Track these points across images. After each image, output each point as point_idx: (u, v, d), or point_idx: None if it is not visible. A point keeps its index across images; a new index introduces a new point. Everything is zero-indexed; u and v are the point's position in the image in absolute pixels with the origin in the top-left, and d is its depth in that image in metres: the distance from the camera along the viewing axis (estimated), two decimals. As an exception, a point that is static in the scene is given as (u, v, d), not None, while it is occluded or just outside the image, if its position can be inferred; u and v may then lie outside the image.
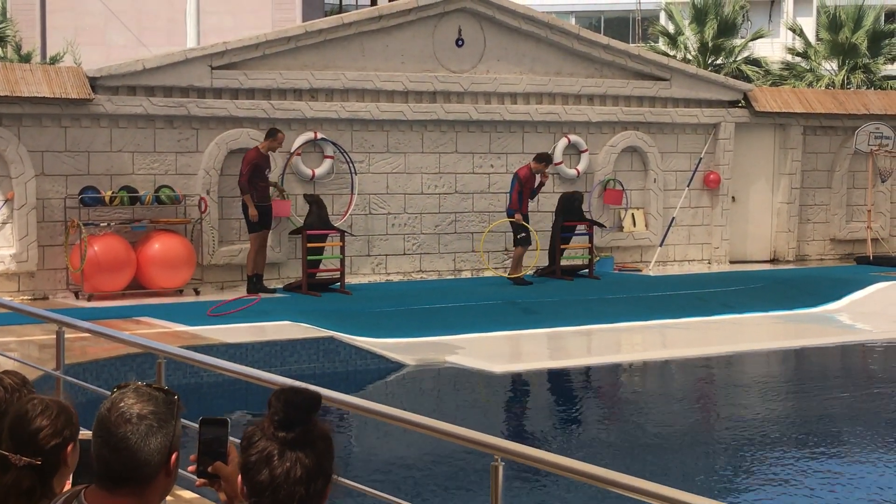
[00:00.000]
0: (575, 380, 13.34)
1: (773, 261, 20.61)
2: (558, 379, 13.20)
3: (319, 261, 16.34)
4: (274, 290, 15.82)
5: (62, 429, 3.29)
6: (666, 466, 9.49)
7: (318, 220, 16.07)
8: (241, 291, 15.79)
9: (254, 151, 15.46)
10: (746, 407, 11.91)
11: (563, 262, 17.93)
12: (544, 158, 17.13)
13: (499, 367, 12.99)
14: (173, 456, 2.85)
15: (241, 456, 2.79)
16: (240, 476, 2.81)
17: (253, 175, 15.28)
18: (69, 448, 3.29)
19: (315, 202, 16.14)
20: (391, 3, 17.73)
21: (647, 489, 3.79)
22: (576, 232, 18.01)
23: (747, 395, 12.54)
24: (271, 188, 15.90)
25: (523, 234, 16.91)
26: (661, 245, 19.43)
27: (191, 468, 3.04)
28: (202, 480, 3.01)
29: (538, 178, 17.10)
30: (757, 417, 11.41)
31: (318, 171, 16.82)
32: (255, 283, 15.65)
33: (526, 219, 16.94)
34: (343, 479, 4.42)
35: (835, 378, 13.82)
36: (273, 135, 15.51)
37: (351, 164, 17.05)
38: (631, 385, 13.56)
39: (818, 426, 11.09)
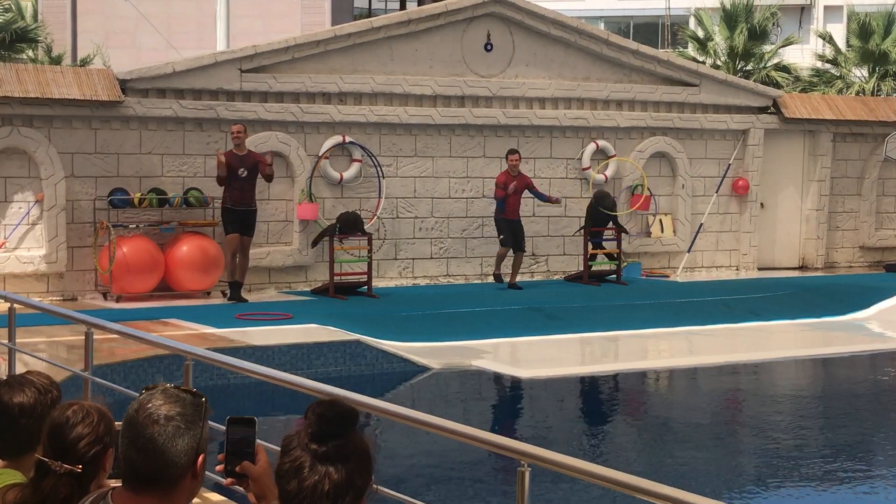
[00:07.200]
0: (601, 386, 13.30)
1: (801, 268, 20.49)
2: (584, 384, 13.16)
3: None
4: (246, 301, 15.10)
5: (103, 435, 3.30)
6: (693, 474, 9.44)
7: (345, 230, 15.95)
8: (270, 294, 15.85)
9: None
10: (774, 416, 11.83)
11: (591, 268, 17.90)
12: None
13: (525, 371, 12.98)
14: (200, 458, 2.85)
15: (277, 462, 2.79)
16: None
17: (228, 174, 14.89)
18: (108, 453, 3.30)
19: (330, 232, 15.88)
20: (420, 7, 17.75)
21: (676, 497, 3.77)
22: (604, 237, 17.94)
23: (774, 404, 12.46)
24: (300, 191, 15.86)
25: (502, 236, 16.90)
26: (688, 251, 19.36)
27: (218, 468, 3.04)
28: (230, 480, 3.01)
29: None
30: (785, 426, 11.34)
31: (346, 174, 16.84)
32: (234, 291, 15.09)
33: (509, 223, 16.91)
34: (383, 488, 4.40)
35: (863, 387, 13.71)
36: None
37: (378, 168, 17.06)
38: (657, 392, 13.51)
39: (846, 436, 11.00)
